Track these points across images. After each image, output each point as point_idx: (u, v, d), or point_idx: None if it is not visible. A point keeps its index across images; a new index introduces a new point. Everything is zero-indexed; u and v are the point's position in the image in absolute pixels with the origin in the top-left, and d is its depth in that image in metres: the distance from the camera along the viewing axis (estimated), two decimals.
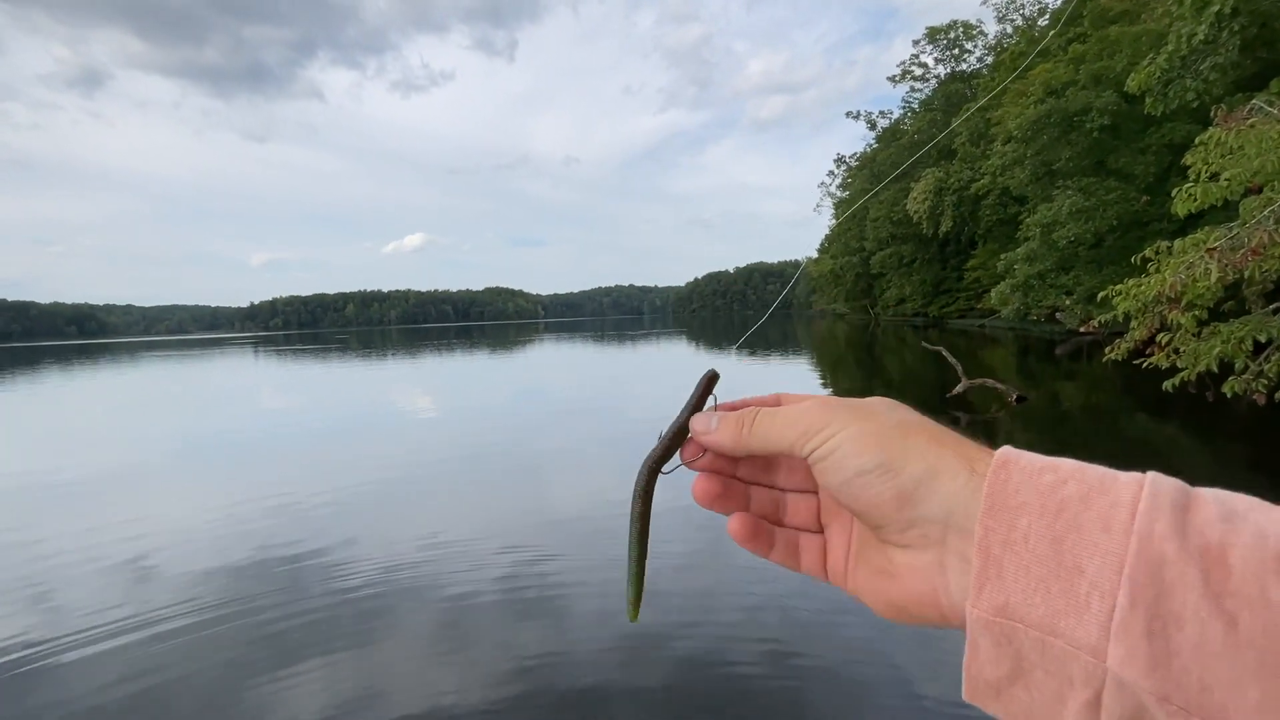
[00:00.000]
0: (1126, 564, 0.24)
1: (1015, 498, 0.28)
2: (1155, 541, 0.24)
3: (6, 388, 23.10)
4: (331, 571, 4.52)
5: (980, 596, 0.28)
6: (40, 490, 7.45)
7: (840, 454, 0.33)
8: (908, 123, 48.17)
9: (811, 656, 3.20)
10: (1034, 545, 0.27)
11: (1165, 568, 0.24)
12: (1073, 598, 0.25)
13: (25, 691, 3.18)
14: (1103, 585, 0.25)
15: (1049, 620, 0.26)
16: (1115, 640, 0.24)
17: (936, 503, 0.31)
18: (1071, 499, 0.27)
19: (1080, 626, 0.25)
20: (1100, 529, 0.25)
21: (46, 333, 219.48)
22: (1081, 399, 11.36)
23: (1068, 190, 17.68)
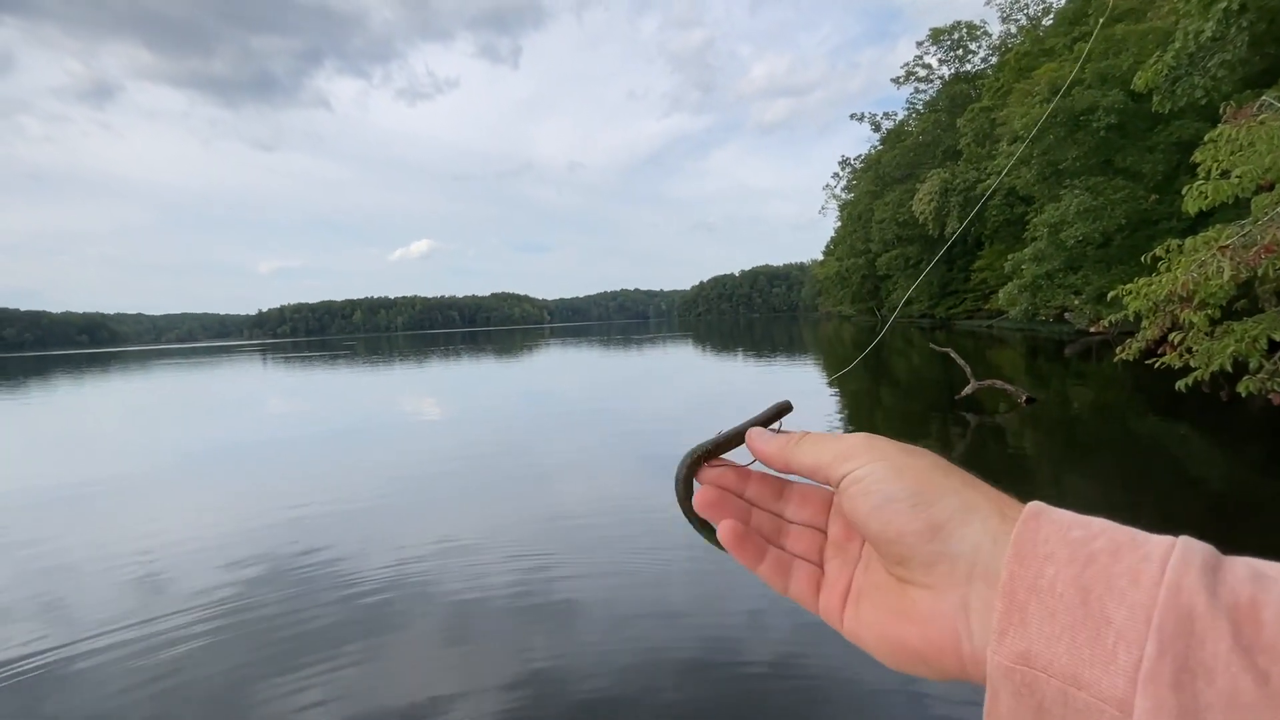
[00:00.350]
0: (1155, 614, 0.24)
1: (1044, 546, 0.28)
2: (1185, 594, 0.24)
3: (20, 397, 23.32)
4: (341, 577, 4.53)
5: (1003, 643, 0.27)
6: (53, 498, 7.50)
7: (875, 479, 0.33)
8: (912, 124, 48.07)
9: (823, 666, 3.16)
10: (1061, 593, 0.26)
11: (1195, 620, 0.23)
12: (1099, 647, 0.25)
13: (40, 697, 3.19)
14: (1130, 635, 0.24)
15: (1073, 670, 0.25)
16: (1142, 692, 0.23)
17: (966, 540, 0.30)
18: (1101, 552, 0.26)
19: (1106, 677, 0.24)
20: (1129, 581, 0.25)
21: (59, 342, 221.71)
22: (1092, 399, 11.25)
23: (1075, 189, 17.56)
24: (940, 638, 0.31)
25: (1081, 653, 0.25)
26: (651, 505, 5.83)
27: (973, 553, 0.30)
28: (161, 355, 69.79)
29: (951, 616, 0.30)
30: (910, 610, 0.33)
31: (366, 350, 50.91)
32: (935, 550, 0.31)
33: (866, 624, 0.36)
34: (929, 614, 0.31)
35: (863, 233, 51.61)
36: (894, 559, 0.33)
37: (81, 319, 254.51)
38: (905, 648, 0.33)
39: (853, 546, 0.39)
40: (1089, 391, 12.22)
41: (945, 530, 0.31)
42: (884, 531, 0.33)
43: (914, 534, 0.32)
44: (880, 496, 0.33)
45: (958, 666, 0.31)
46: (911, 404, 11.86)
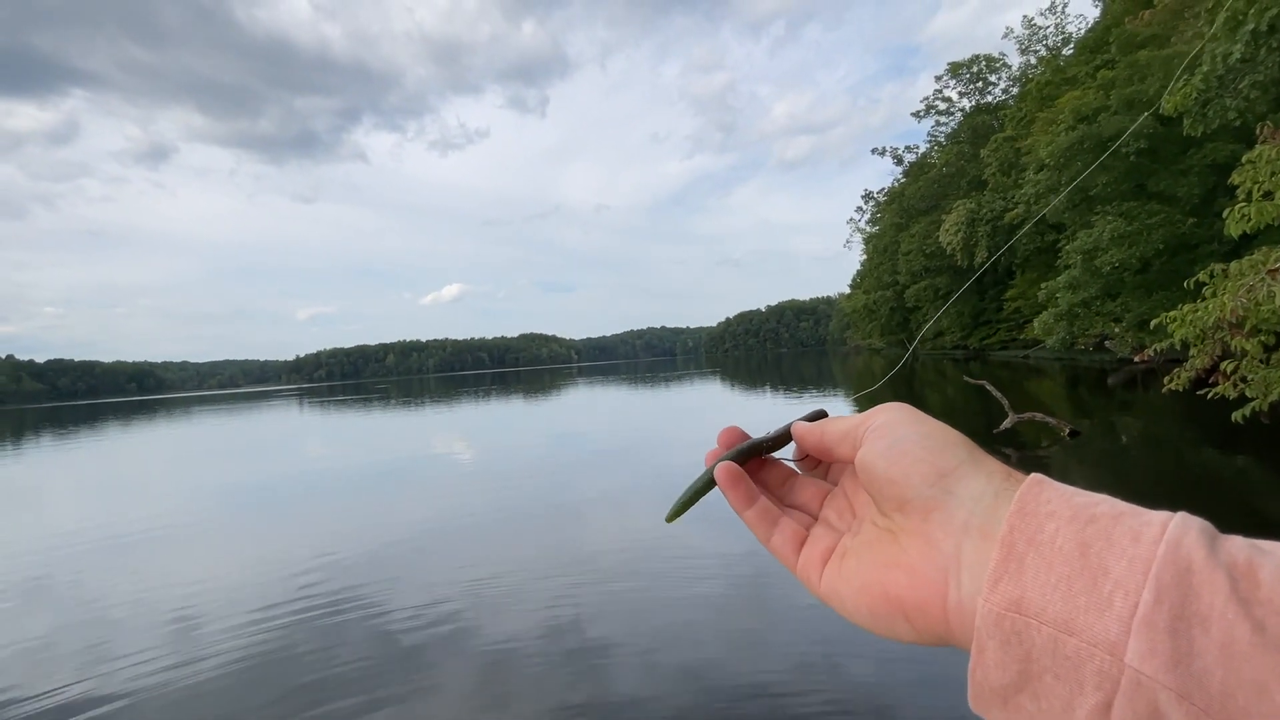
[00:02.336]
0: (1154, 566, 0.24)
1: (1046, 505, 0.28)
2: (1184, 549, 0.24)
3: (71, 445, 24.23)
4: (375, 617, 4.53)
5: (995, 589, 0.27)
6: (102, 541, 7.66)
7: (892, 424, 0.35)
8: (935, 156, 48.09)
9: (866, 706, 2.97)
10: (1060, 546, 0.26)
11: (1193, 573, 0.23)
12: (1095, 595, 0.25)
13: None
14: (1127, 584, 0.24)
15: (1066, 617, 0.25)
16: (1136, 635, 0.23)
17: (969, 489, 0.31)
18: (1103, 515, 0.27)
19: (1100, 623, 0.24)
20: (1130, 539, 0.25)
21: (109, 390, 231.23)
22: (1140, 431, 10.74)
23: (1108, 215, 17.20)
24: (928, 586, 0.31)
25: (1076, 600, 0.25)
26: (684, 546, 5.68)
27: (973, 503, 0.30)
28: (204, 401, 72.17)
29: (943, 565, 0.30)
30: (899, 559, 0.32)
31: (399, 392, 51.84)
32: (937, 495, 0.31)
33: (847, 577, 0.35)
34: (919, 561, 0.31)
35: (889, 265, 51.20)
36: (894, 502, 0.33)
37: (131, 368, 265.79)
38: (887, 598, 0.32)
39: (845, 519, 0.40)
40: (1137, 423, 11.68)
41: (950, 477, 0.31)
42: (889, 471, 0.33)
43: (919, 476, 0.32)
44: (894, 438, 0.34)
45: (940, 620, 0.30)
46: None
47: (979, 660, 0.28)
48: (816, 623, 4.03)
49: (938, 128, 48.73)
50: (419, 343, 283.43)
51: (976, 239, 34.28)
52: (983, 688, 0.28)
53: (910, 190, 47.43)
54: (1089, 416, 12.24)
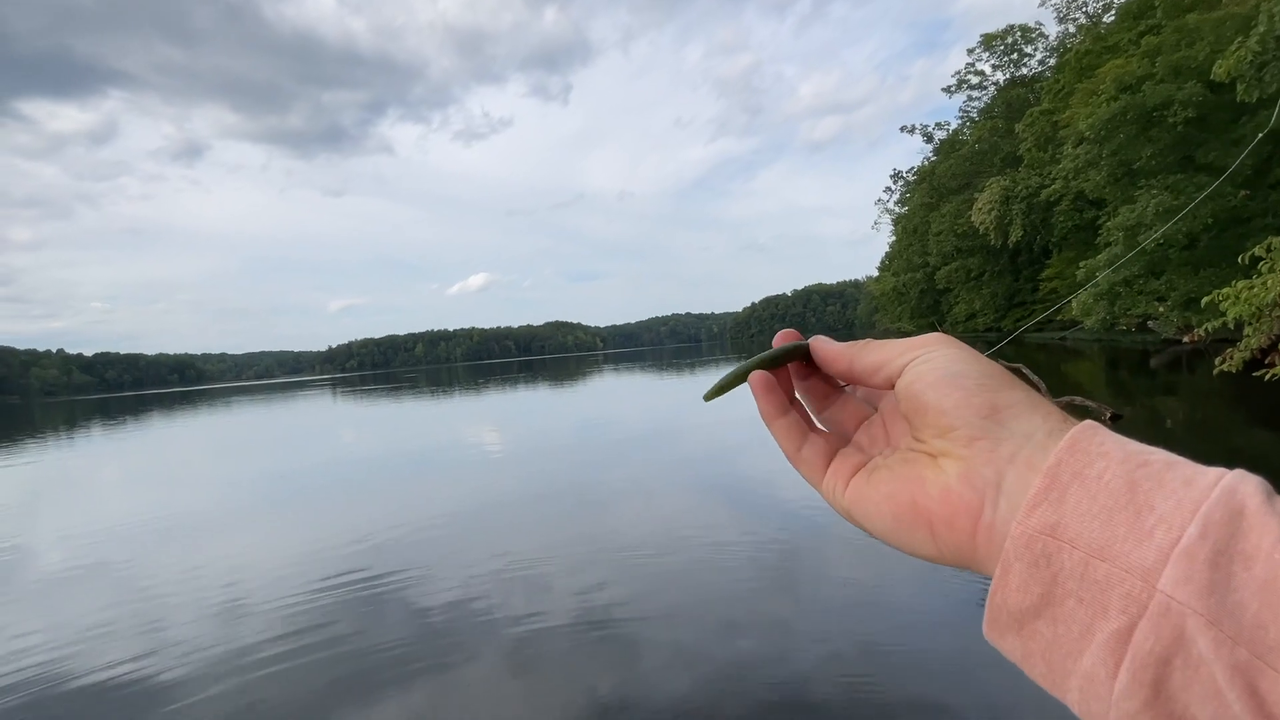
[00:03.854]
0: (1204, 505, 0.23)
1: (1099, 446, 0.27)
2: (1238, 496, 0.23)
3: (121, 435, 25.23)
4: (410, 603, 4.62)
5: (1032, 514, 0.27)
6: (152, 526, 7.96)
7: (947, 358, 0.33)
8: (967, 132, 46.61)
9: (895, 693, 2.91)
10: (1108, 481, 0.26)
11: (1245, 516, 0.23)
12: (1136, 527, 0.24)
13: (134, 712, 3.30)
14: (1173, 520, 0.24)
15: (1103, 544, 0.25)
16: (1174, 564, 0.23)
17: (1023, 426, 0.29)
18: (1157, 460, 0.26)
19: (1137, 550, 0.24)
20: (1182, 483, 0.25)
21: (153, 382, 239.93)
22: (1186, 414, 10.32)
23: (1152, 189, 16.46)
24: (961, 503, 0.30)
25: (1116, 530, 0.24)
26: (713, 530, 5.65)
27: (1024, 438, 0.29)
28: (242, 391, 74.40)
29: (981, 487, 0.29)
30: (935, 476, 0.31)
31: (428, 381, 52.71)
32: (988, 426, 0.30)
33: (875, 485, 0.34)
34: (955, 481, 0.30)
35: (919, 246, 50.00)
36: (939, 429, 0.32)
37: (173, 360, 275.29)
38: (915, 507, 0.32)
39: (878, 445, 0.38)
40: (1182, 406, 11.22)
41: (1004, 413, 0.30)
42: (940, 402, 0.31)
43: (971, 408, 0.30)
44: (948, 371, 0.32)
45: (968, 537, 0.30)
46: None
47: (1001, 582, 0.28)
48: (847, 609, 3.97)
49: (970, 103, 47.19)
50: (446, 332, 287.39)
51: (1011, 217, 33.21)
52: (1000, 611, 0.28)
53: (941, 169, 46.07)
54: (1131, 400, 11.81)
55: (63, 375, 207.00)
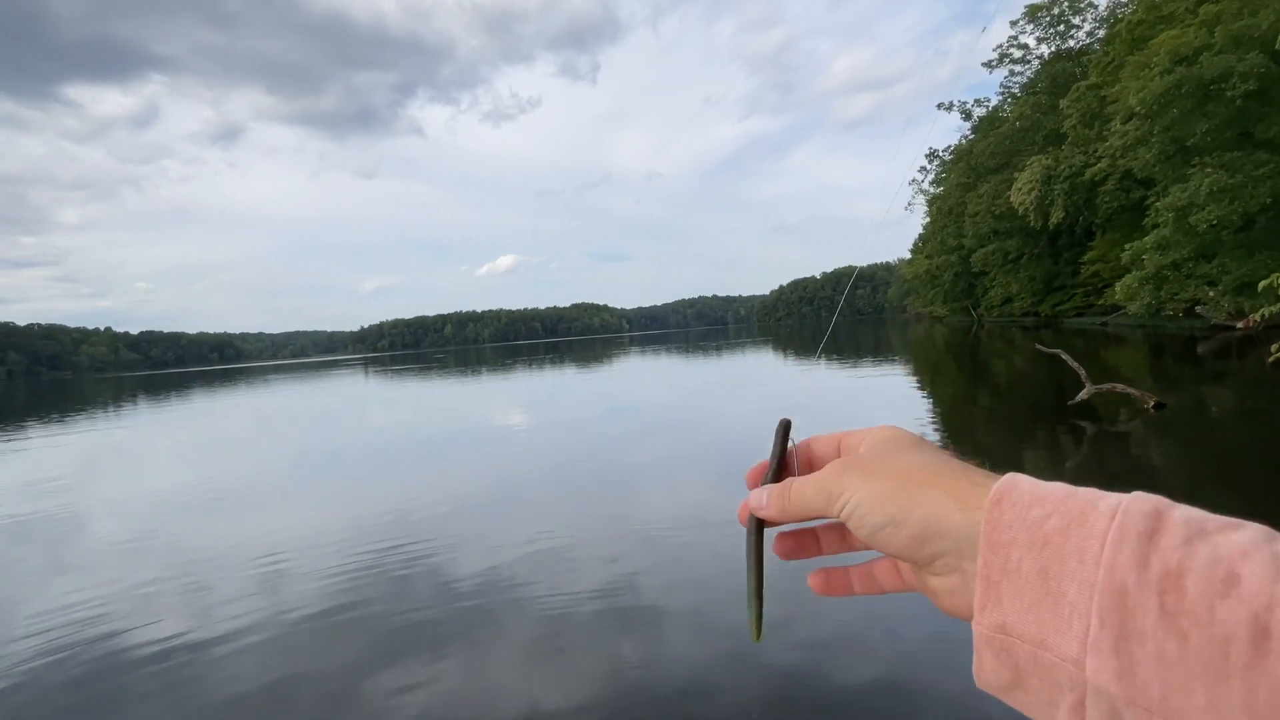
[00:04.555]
0: (1095, 592, 0.28)
1: (1007, 533, 0.32)
2: (1118, 571, 0.28)
3: (166, 410, 26.26)
4: (439, 576, 4.76)
5: (983, 616, 0.33)
6: (196, 498, 8.31)
7: (859, 514, 0.38)
8: (1007, 109, 44.84)
9: (918, 680, 2.90)
10: (1026, 574, 0.31)
11: (1127, 595, 0.27)
12: (1058, 618, 0.29)
13: (174, 679, 3.48)
14: (1080, 608, 0.29)
15: (1040, 636, 0.30)
16: (1090, 653, 0.28)
17: (945, 540, 0.35)
18: (1054, 533, 0.31)
19: (1065, 642, 0.29)
20: (1077, 560, 0.29)
21: (194, 359, 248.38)
22: (1234, 404, 9.92)
23: (1206, 168, 15.67)
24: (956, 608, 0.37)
25: (1046, 623, 0.30)
26: (733, 514, 5.67)
27: (955, 547, 0.35)
28: (279, 370, 76.58)
29: (960, 592, 0.36)
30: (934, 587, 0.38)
31: (457, 362, 53.50)
32: (927, 554, 0.36)
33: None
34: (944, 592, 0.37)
35: (954, 228, 48.57)
36: (905, 563, 0.40)
37: (213, 339, 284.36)
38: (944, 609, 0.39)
39: None
40: (1230, 394, 10.79)
41: (926, 538, 0.36)
42: (885, 549, 0.38)
43: (906, 547, 0.37)
44: (870, 526, 0.38)
45: None
46: (1015, 411, 10.94)
47: (979, 664, 0.34)
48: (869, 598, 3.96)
49: (1011, 78, 45.25)
50: (475, 313, 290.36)
51: (1052, 198, 31.99)
52: (984, 683, 0.34)
53: (979, 147, 44.49)
54: (1175, 388, 11.39)
55: (111, 353, 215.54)
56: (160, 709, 3.31)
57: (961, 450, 3.14)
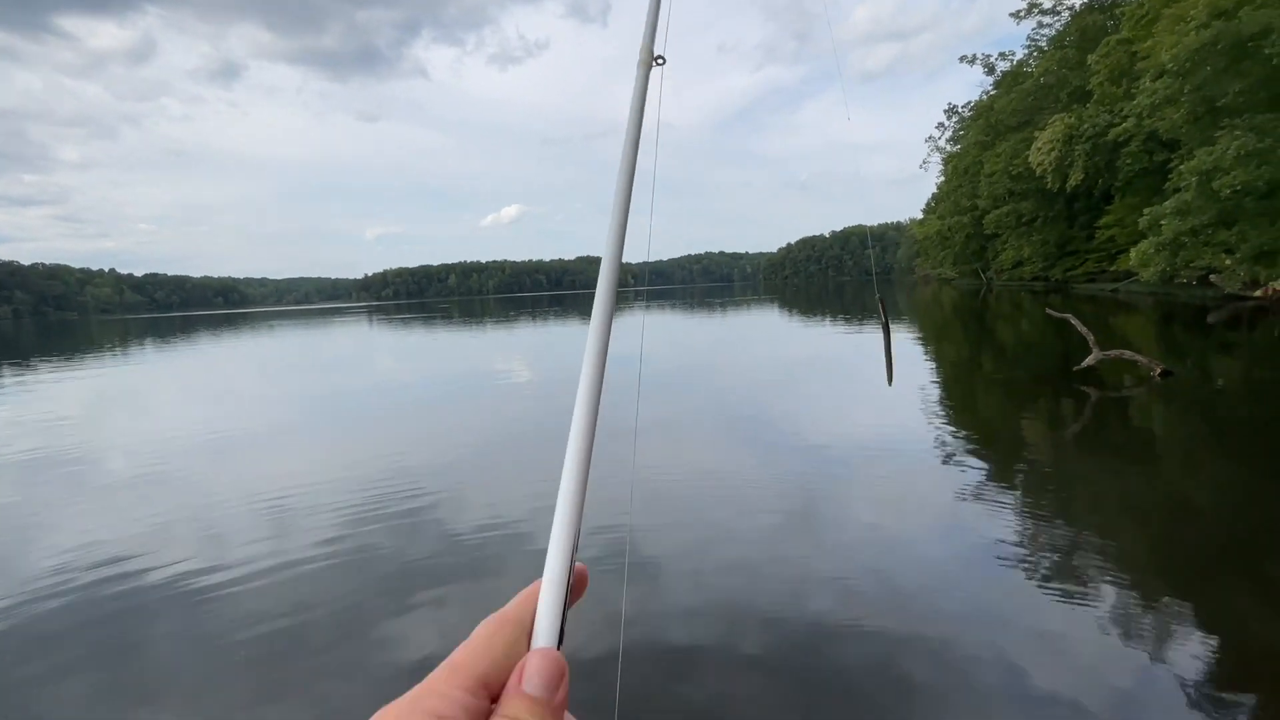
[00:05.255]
0: None
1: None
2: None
3: (174, 353, 26.44)
4: (445, 518, 4.89)
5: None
6: (202, 441, 8.45)
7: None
8: (1033, 64, 43.09)
9: (901, 627, 2.99)
10: None
11: None
12: None
13: (188, 619, 3.62)
14: None
15: None
16: None
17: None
18: None
19: None
20: None
21: (199, 303, 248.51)
22: (1242, 374, 9.88)
23: (1235, 130, 15.14)
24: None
25: None
26: (734, 467, 5.74)
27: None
28: (284, 316, 76.68)
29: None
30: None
31: (461, 312, 53.44)
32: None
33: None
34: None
35: (969, 188, 47.50)
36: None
37: (217, 283, 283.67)
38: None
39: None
40: (1238, 365, 10.73)
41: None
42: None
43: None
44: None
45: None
46: (1020, 375, 10.92)
47: None
48: (868, 551, 4.04)
49: (1040, 30, 43.28)
50: (479, 264, 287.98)
51: (1072, 159, 31.11)
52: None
53: (1001, 103, 43.00)
54: (1183, 357, 11.33)
55: (115, 294, 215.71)
56: (177, 644, 3.45)
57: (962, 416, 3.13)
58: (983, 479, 5.31)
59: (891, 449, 6.35)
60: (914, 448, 6.30)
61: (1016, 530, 4.26)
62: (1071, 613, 3.24)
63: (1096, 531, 4.28)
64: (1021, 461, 5.93)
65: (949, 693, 2.67)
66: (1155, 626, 3.10)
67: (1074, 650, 2.94)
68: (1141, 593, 3.43)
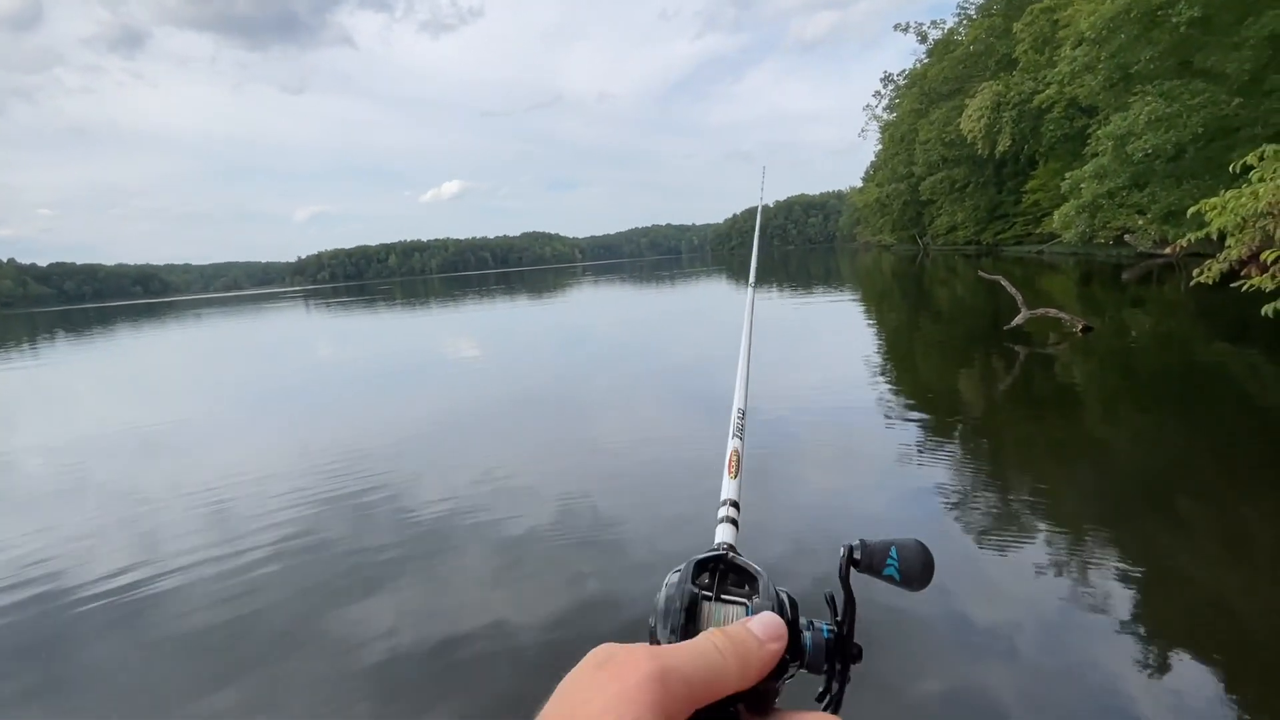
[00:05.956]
0: None
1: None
2: None
3: (88, 347, 24.57)
4: (396, 508, 4.74)
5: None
6: (132, 441, 7.92)
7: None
8: (963, 32, 44.24)
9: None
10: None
11: None
12: None
13: (133, 617, 3.42)
14: None
15: None
16: None
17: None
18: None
19: None
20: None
21: (115, 293, 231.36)
22: (1151, 326, 10.63)
23: (1146, 96, 16.01)
24: None
25: None
26: (690, 438, 5.80)
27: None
28: (211, 304, 72.34)
29: None
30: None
31: (403, 294, 51.68)
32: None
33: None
34: None
35: (905, 155, 48.74)
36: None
37: (134, 270, 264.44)
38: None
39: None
40: (1148, 318, 11.54)
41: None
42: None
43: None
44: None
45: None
46: (954, 335, 11.43)
47: None
48: (821, 512, 4.18)
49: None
50: (420, 243, 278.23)
51: (1001, 125, 32.28)
52: None
53: (933, 72, 44.06)
54: (1101, 313, 12.09)
55: (18, 286, 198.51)
56: (114, 650, 3.26)
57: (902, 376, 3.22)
58: (921, 436, 5.55)
59: (835, 410, 6.55)
60: (856, 410, 6.52)
61: (953, 482, 4.48)
62: (1005, 554, 3.45)
63: (1027, 478, 4.56)
64: (957, 416, 6.22)
65: (892, 638, 2.80)
66: (1083, 563, 3.33)
67: (1010, 589, 3.14)
68: (1069, 531, 3.68)
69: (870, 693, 2.48)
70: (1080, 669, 2.58)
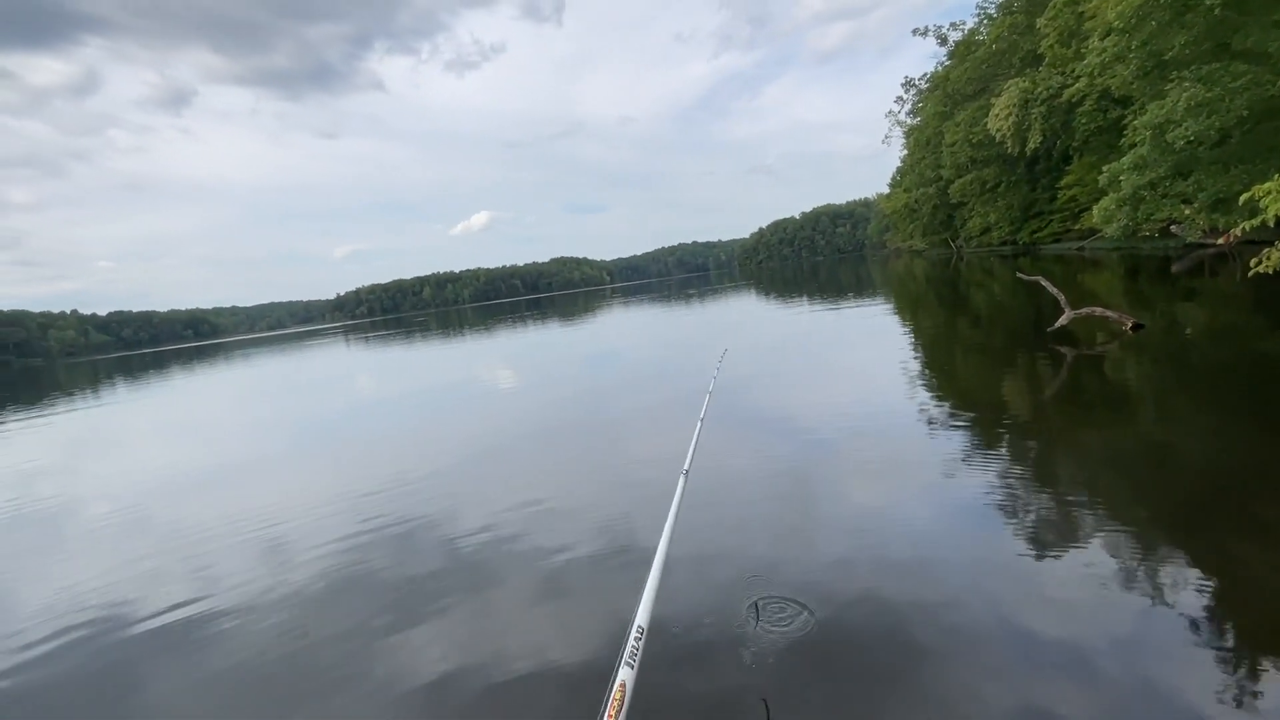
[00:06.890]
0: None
1: None
2: None
3: (147, 390, 25.79)
4: (441, 538, 4.81)
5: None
6: (184, 478, 8.25)
7: None
8: (984, 32, 43.66)
9: (901, 596, 3.02)
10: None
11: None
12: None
13: (189, 649, 3.53)
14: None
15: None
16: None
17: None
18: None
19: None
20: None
21: (168, 338, 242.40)
22: (1206, 320, 10.14)
23: (1184, 82, 15.49)
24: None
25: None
26: (724, 455, 5.75)
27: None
28: (257, 344, 75.22)
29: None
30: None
31: (439, 324, 52.86)
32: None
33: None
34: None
35: (932, 159, 48.04)
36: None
37: (185, 315, 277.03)
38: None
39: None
40: (1202, 311, 11.01)
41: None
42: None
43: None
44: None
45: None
46: (995, 340, 11.09)
47: None
48: (860, 524, 4.07)
49: None
50: (452, 274, 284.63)
51: (1030, 122, 31.60)
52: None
53: (955, 74, 43.53)
54: (1151, 308, 11.60)
55: (80, 336, 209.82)
56: (177, 682, 3.36)
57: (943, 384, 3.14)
58: (967, 444, 5.38)
59: (876, 421, 6.41)
60: (898, 418, 6.37)
61: (1005, 492, 4.32)
62: (1067, 566, 3.30)
63: (1084, 487, 4.37)
64: (1004, 424, 6.02)
65: (954, 655, 2.70)
66: (1151, 573, 3.16)
67: (1074, 602, 3.00)
68: (1134, 541, 3.50)
69: (934, 708, 2.39)
70: (1159, 688, 2.44)
